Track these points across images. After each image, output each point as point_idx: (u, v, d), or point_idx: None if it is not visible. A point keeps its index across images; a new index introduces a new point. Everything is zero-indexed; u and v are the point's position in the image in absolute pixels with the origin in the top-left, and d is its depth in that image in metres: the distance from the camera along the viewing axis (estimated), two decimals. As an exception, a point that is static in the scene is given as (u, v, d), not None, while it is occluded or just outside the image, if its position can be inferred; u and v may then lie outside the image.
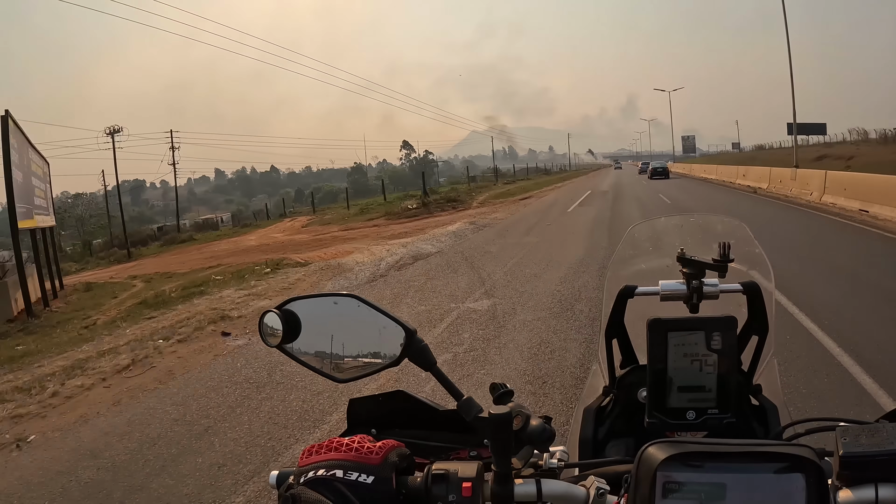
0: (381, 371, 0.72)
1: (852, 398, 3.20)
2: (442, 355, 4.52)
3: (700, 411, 0.90)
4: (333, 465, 0.59)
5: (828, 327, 4.36)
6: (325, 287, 8.18)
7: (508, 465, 0.63)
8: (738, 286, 1.03)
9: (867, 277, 6.10)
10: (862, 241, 8.56)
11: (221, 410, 3.92)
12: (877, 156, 31.27)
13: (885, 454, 0.57)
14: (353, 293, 0.73)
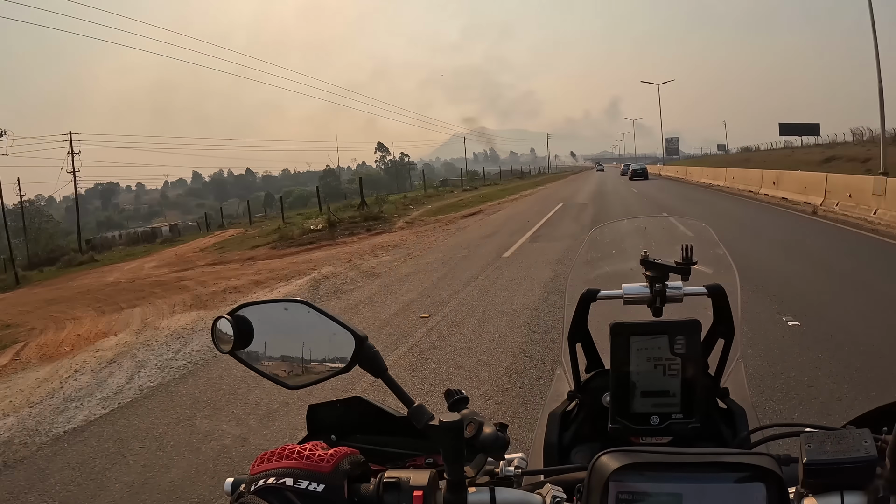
0: (331, 378, 0.72)
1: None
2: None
3: (664, 416, 0.88)
4: (284, 473, 0.59)
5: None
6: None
7: (461, 474, 0.63)
8: (702, 289, 1.00)
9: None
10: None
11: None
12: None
13: (850, 462, 0.56)
14: (303, 299, 0.74)
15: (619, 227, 1.38)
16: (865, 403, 1.55)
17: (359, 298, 7.29)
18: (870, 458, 0.56)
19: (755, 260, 7.39)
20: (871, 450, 0.57)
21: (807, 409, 3.17)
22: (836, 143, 56.70)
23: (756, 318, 4.81)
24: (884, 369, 3.61)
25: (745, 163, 43.35)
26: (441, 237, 13.17)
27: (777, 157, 46.42)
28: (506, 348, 4.69)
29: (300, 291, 8.20)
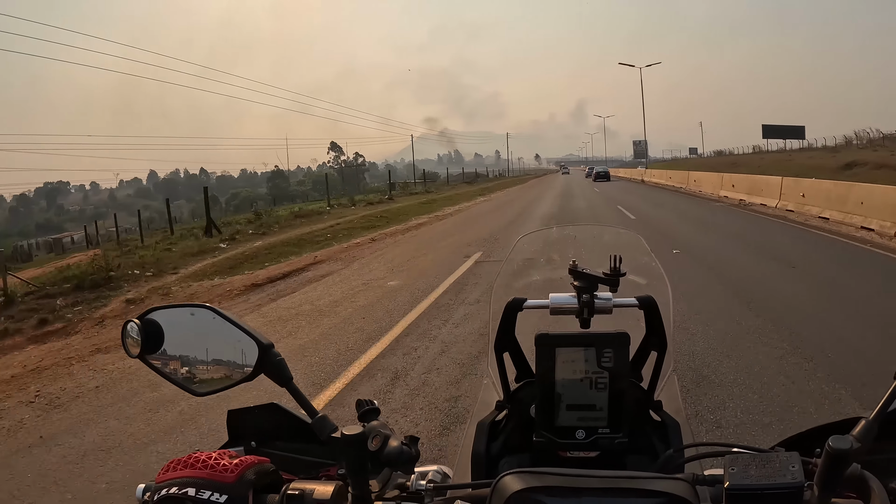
0: (236, 385, 0.71)
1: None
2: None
3: (590, 430, 0.86)
4: (187, 483, 0.58)
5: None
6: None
7: (365, 487, 0.62)
8: (633, 300, 0.98)
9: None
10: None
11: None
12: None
13: (775, 488, 0.54)
14: (209, 305, 0.72)
15: (548, 234, 1.33)
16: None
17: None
18: (796, 485, 0.54)
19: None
20: (798, 475, 0.55)
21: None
22: (838, 146, 50.91)
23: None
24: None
25: (733, 167, 37.50)
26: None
27: (773, 162, 39.73)
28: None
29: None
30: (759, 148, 62.64)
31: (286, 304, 6.60)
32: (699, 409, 3.22)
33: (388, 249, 10.75)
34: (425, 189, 37.03)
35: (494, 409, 1.00)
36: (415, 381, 3.88)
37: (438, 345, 4.65)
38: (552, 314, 0.99)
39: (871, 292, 5.82)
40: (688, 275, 6.76)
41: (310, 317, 5.89)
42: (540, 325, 0.94)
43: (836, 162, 31.02)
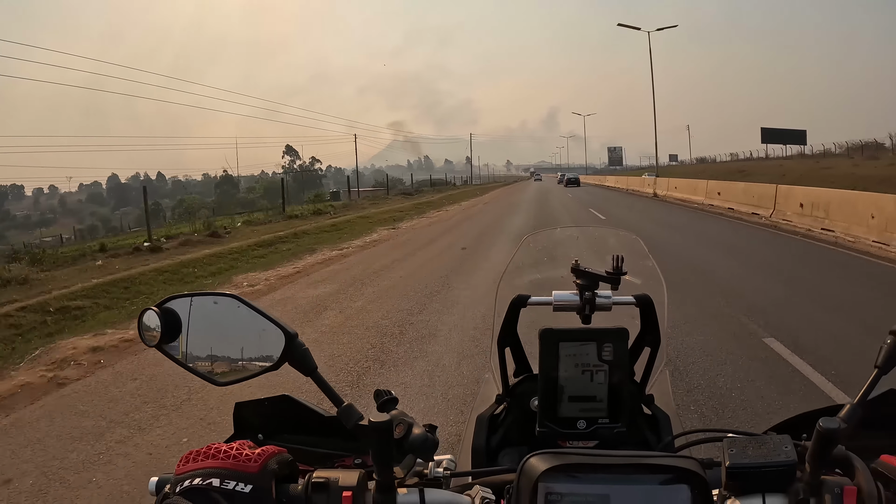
0: (260, 375, 0.70)
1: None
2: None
3: (591, 421, 0.90)
4: (210, 474, 0.58)
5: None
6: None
7: (390, 475, 0.62)
8: (630, 299, 1.02)
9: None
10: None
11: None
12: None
13: (771, 465, 0.58)
14: (233, 294, 0.72)
15: (552, 234, 1.37)
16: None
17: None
18: (790, 462, 0.58)
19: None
20: (790, 454, 0.59)
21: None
22: (838, 154, 45.73)
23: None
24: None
25: (744, 176, 31.16)
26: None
27: (796, 171, 33.18)
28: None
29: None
30: (753, 154, 57.22)
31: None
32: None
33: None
34: (370, 200, 29.27)
35: (494, 403, 1.03)
36: None
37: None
38: (555, 310, 1.02)
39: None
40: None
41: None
42: (538, 322, 0.96)
43: (880, 170, 24.82)
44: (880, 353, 0.67)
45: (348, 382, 3.83)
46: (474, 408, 1.08)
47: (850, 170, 29.52)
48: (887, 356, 0.66)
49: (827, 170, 33.16)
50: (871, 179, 20.43)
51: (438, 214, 19.71)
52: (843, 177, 23.93)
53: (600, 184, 53.68)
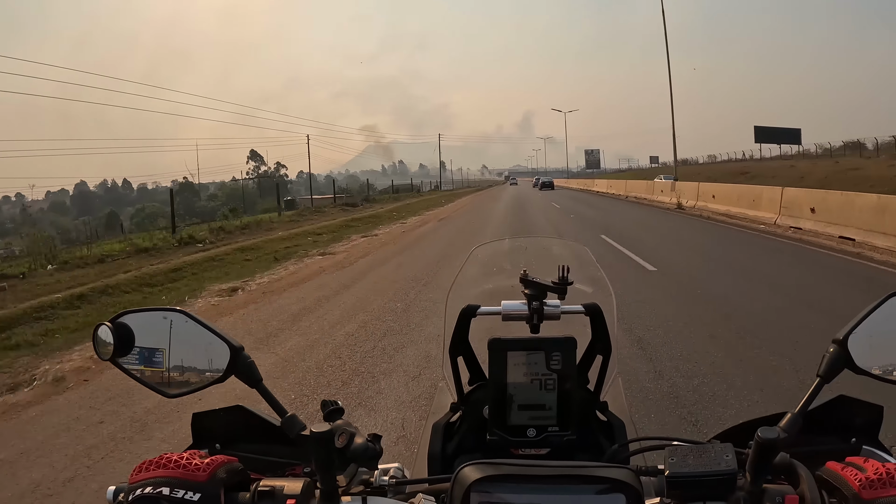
0: (207, 387, 0.72)
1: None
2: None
3: (541, 429, 0.91)
4: (161, 483, 0.59)
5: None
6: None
7: (333, 483, 0.64)
8: (579, 307, 1.03)
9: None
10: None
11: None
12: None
13: (710, 474, 0.59)
14: (181, 308, 0.73)
15: (500, 245, 1.38)
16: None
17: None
18: (730, 471, 0.59)
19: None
20: (731, 463, 0.59)
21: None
22: (835, 151, 41.87)
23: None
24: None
25: (750, 178, 27.58)
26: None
27: (816, 173, 28.24)
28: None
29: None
30: (746, 154, 52.27)
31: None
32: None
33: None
34: (301, 214, 23.00)
35: (449, 411, 1.03)
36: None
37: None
38: (504, 320, 1.03)
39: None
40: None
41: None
42: (492, 330, 0.97)
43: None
44: (822, 363, 0.68)
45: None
46: (430, 415, 1.09)
47: (885, 171, 24.57)
48: (829, 365, 0.67)
49: (855, 171, 28.13)
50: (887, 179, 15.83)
51: (361, 243, 12.77)
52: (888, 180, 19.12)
53: (586, 189, 46.05)
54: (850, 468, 0.59)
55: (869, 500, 0.55)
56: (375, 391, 3.74)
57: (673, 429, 3.03)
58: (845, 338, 0.68)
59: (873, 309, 0.69)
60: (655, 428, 3.03)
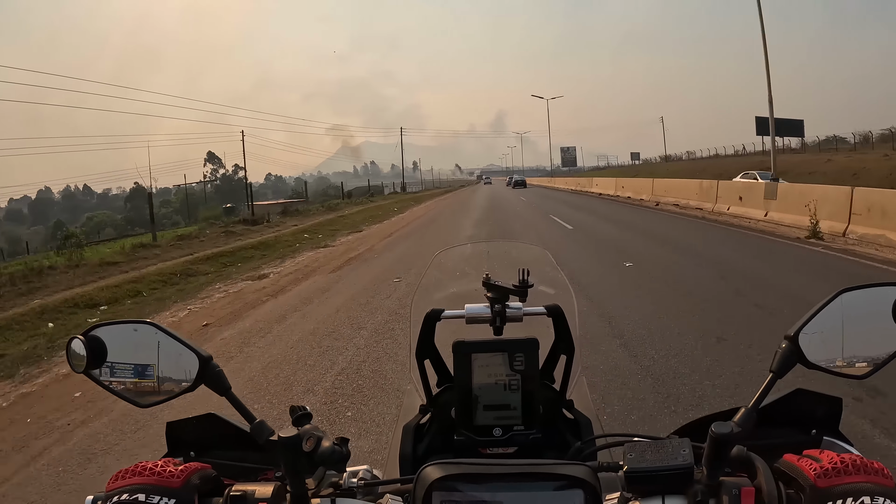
0: (178, 396, 0.74)
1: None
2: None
3: (507, 428, 0.93)
4: (136, 490, 0.61)
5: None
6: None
7: (302, 486, 0.65)
8: (541, 309, 1.06)
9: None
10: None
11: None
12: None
13: (668, 469, 0.60)
14: (150, 321, 0.75)
15: (463, 250, 1.40)
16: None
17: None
18: (686, 466, 0.61)
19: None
20: (688, 458, 0.61)
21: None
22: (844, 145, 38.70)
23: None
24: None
25: (797, 177, 21.23)
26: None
27: (877, 170, 23.66)
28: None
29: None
30: (746, 147, 48.05)
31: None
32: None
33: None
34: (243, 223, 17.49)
35: (419, 413, 1.05)
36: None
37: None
38: (468, 323, 1.06)
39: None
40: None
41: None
42: (457, 333, 0.99)
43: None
44: (775, 358, 0.69)
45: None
46: (400, 418, 1.10)
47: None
48: (781, 361, 0.68)
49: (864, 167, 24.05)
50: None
51: (231, 296, 7.53)
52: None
53: (582, 190, 35.59)
54: (807, 459, 0.60)
55: (824, 488, 0.57)
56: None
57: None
58: (796, 334, 0.69)
59: (824, 305, 0.70)
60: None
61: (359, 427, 3.24)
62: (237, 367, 4.49)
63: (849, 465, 0.58)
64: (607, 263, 8.29)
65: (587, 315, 5.18)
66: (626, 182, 27.08)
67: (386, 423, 3.28)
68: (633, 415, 3.21)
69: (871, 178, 20.14)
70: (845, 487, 0.56)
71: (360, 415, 3.42)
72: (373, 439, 3.08)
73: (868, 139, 38.44)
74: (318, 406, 3.57)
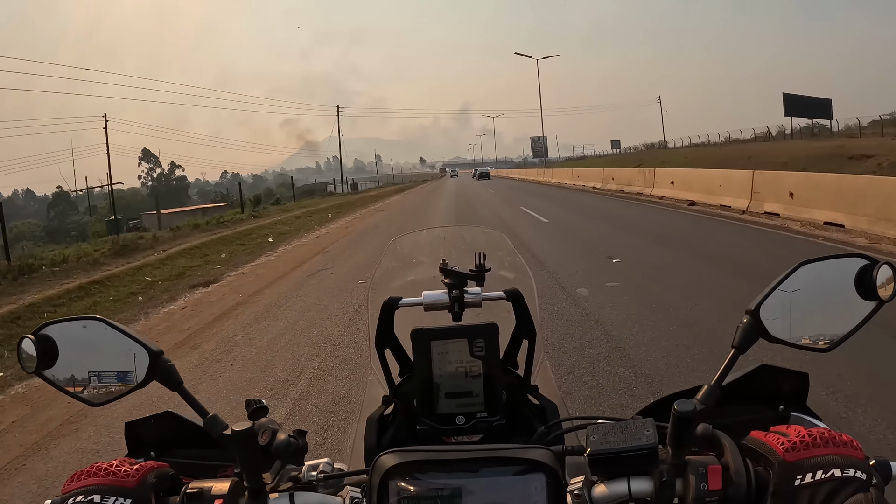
0: (130, 393, 0.73)
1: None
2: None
3: (469, 416, 0.92)
4: (92, 491, 0.61)
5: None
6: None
7: (259, 480, 0.64)
8: (500, 294, 1.04)
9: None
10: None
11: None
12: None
13: (631, 450, 0.60)
14: (99, 316, 0.73)
15: (419, 237, 1.37)
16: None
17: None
18: (650, 446, 0.60)
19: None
20: (652, 437, 0.61)
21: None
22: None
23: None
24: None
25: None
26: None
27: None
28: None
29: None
30: (772, 130, 41.42)
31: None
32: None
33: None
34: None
35: (382, 404, 1.02)
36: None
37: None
38: (426, 310, 1.04)
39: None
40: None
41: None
42: (418, 321, 0.96)
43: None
44: (736, 334, 0.68)
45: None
46: (363, 410, 1.08)
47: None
48: (743, 336, 0.67)
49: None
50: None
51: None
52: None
53: (580, 186, 26.53)
54: (774, 435, 0.60)
55: (793, 462, 0.57)
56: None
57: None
58: (757, 308, 0.68)
59: (784, 278, 0.69)
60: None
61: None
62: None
63: (817, 438, 0.58)
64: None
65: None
66: (581, 171, 29.37)
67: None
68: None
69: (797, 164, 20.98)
70: (814, 461, 0.56)
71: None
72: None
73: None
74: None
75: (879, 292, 0.67)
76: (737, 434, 0.62)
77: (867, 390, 3.14)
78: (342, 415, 3.37)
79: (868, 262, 0.68)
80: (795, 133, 35.65)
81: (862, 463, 0.56)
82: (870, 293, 0.67)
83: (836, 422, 2.83)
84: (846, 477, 0.54)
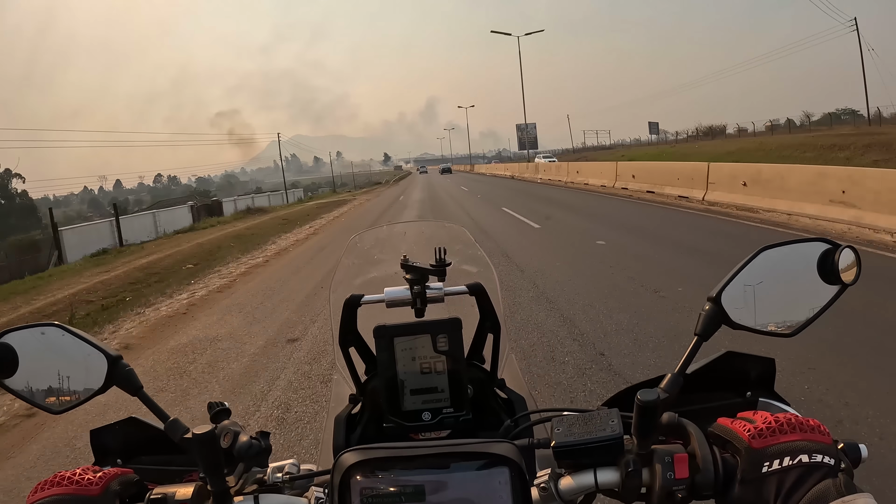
0: (90, 399, 0.72)
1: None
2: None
3: (436, 412, 0.91)
4: (55, 501, 0.60)
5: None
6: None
7: (223, 484, 0.63)
8: (463, 288, 1.04)
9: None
10: None
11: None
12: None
13: (595, 441, 0.60)
14: (56, 322, 0.73)
15: (379, 233, 1.37)
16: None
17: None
18: (615, 436, 0.60)
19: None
20: (616, 428, 0.61)
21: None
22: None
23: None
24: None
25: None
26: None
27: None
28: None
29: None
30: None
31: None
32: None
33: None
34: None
35: (349, 403, 1.01)
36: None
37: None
38: (388, 307, 1.03)
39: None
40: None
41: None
42: (381, 319, 0.95)
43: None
44: (699, 321, 0.67)
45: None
46: (329, 409, 1.07)
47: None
48: (705, 323, 0.67)
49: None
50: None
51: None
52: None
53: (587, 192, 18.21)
54: (741, 421, 0.60)
55: (760, 448, 0.56)
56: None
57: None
58: (718, 294, 0.67)
59: (745, 264, 0.68)
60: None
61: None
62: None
63: (784, 424, 0.57)
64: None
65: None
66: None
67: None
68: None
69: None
70: (781, 447, 0.56)
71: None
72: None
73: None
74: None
75: (842, 276, 0.67)
76: (704, 422, 0.62)
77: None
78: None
79: (830, 245, 0.68)
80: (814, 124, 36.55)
81: (830, 448, 0.55)
82: (832, 277, 0.67)
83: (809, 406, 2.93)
84: (814, 463, 0.54)
